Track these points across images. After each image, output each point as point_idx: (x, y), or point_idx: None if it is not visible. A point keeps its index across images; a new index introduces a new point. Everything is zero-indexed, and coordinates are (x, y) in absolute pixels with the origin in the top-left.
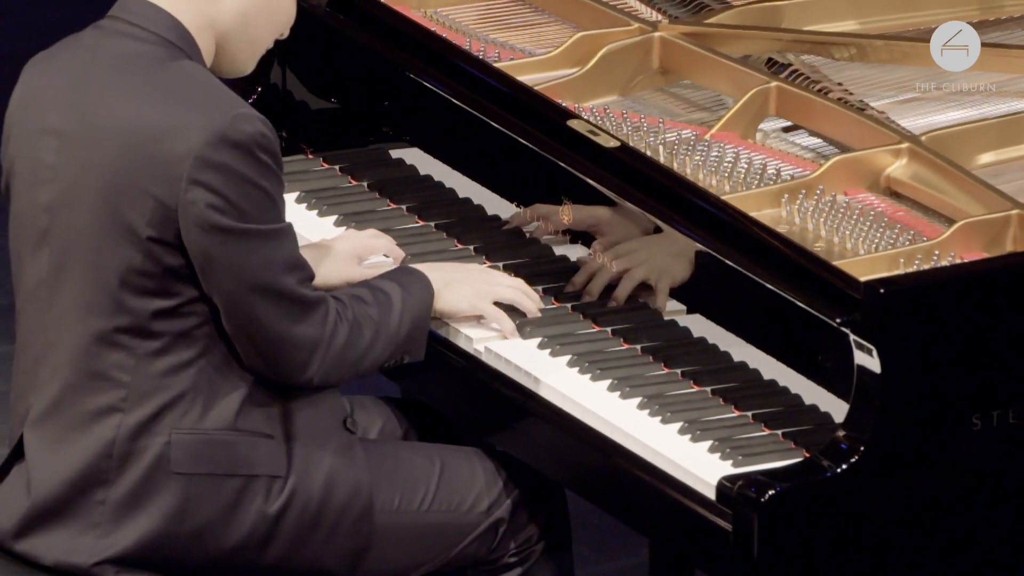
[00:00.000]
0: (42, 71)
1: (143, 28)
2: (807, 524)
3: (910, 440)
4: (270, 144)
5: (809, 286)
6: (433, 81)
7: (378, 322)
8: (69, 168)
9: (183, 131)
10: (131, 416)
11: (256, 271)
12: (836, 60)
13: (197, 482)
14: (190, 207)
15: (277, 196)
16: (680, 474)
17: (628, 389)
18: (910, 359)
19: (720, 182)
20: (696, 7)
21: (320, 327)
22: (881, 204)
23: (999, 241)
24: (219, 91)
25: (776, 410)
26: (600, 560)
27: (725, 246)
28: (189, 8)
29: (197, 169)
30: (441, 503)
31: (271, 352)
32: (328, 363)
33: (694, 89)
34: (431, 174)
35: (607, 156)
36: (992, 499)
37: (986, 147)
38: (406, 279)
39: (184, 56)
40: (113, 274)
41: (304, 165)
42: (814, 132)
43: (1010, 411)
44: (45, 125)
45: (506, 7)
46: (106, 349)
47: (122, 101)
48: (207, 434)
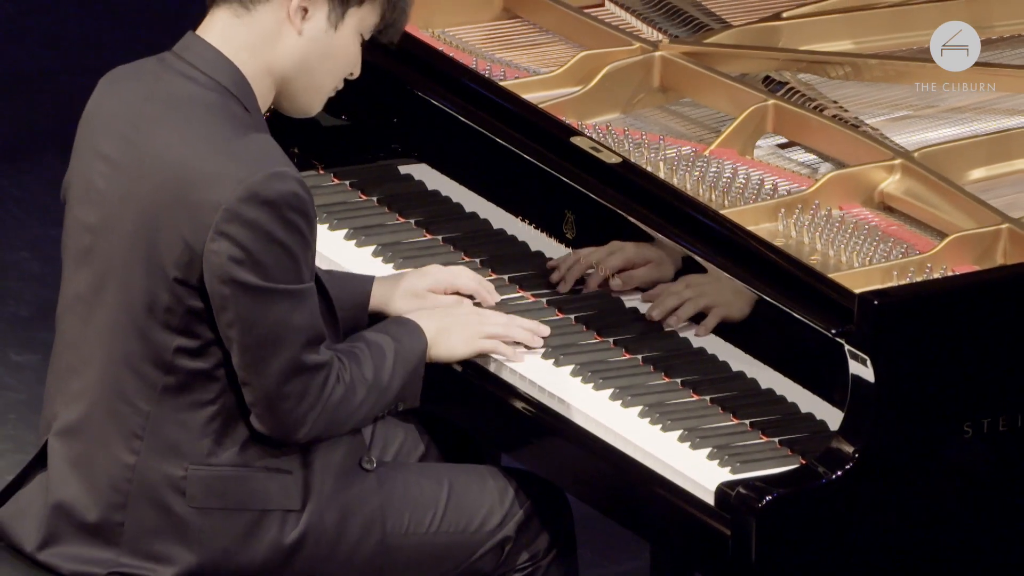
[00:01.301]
0: (109, 92)
1: (202, 72)
2: (803, 529)
3: (903, 447)
4: (302, 205)
5: (805, 298)
6: (440, 99)
7: (371, 381)
8: (114, 195)
9: (218, 181)
10: (150, 445)
11: (266, 328)
12: (831, 79)
13: (211, 515)
14: (213, 256)
15: (301, 257)
16: (680, 480)
17: (630, 398)
18: (903, 369)
19: (719, 197)
20: (696, 27)
21: (319, 391)
22: (875, 218)
23: (990, 254)
24: (261, 145)
25: (773, 418)
26: (603, 564)
27: (724, 259)
28: (248, 55)
29: (225, 221)
30: (449, 524)
31: (265, 406)
32: (320, 423)
33: (694, 107)
34: (439, 189)
35: (609, 172)
36: (983, 505)
37: (977, 163)
38: (399, 331)
39: (237, 104)
40: (142, 307)
41: (315, 180)
42: (810, 148)
43: (1000, 419)
44: (99, 148)
45: (511, 27)
46: (132, 376)
47: (168, 141)
48: (222, 469)
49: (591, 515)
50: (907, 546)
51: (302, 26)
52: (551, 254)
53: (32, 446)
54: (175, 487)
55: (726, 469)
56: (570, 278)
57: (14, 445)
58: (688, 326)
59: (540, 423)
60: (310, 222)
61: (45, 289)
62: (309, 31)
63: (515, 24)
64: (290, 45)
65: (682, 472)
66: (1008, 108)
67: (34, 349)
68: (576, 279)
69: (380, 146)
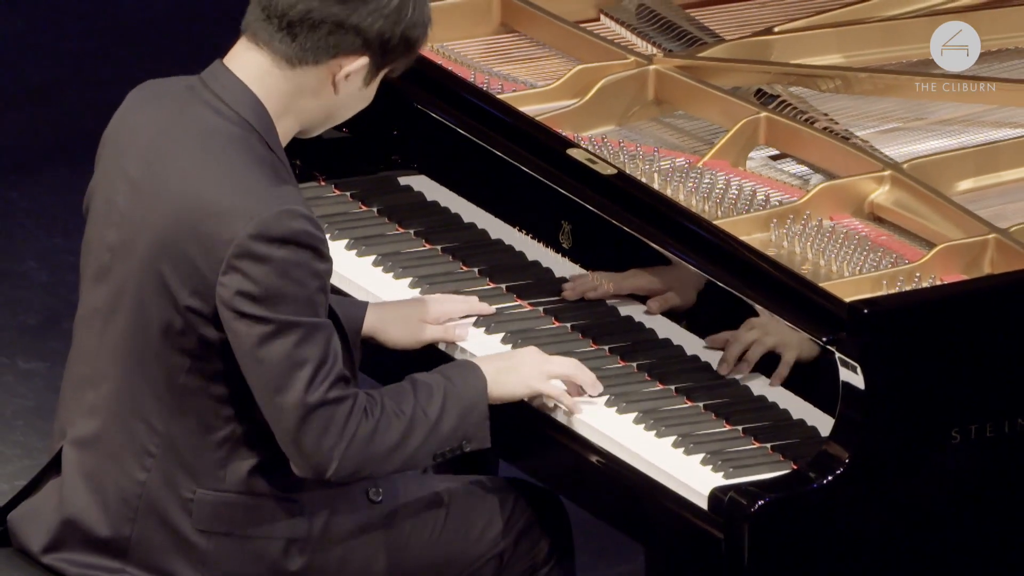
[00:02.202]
0: (138, 108)
1: (227, 105)
2: (795, 533)
3: (893, 453)
4: (313, 242)
5: (797, 306)
6: (440, 112)
7: (411, 416)
8: (134, 217)
9: (232, 216)
10: (161, 464)
11: (277, 361)
12: (822, 92)
13: (217, 539)
14: (223, 290)
15: (313, 292)
16: (674, 485)
17: (624, 404)
18: (893, 376)
19: (712, 208)
20: (689, 41)
21: (341, 426)
22: (865, 228)
23: (977, 264)
24: (276, 183)
25: (765, 424)
26: (599, 567)
27: (717, 269)
28: (278, 100)
29: (236, 256)
30: (450, 536)
31: (290, 444)
32: (351, 459)
33: (688, 119)
34: (438, 200)
35: (605, 183)
36: (971, 509)
37: (964, 175)
38: (453, 371)
39: (259, 140)
40: (156, 330)
41: (317, 192)
42: (801, 160)
43: (988, 425)
44: (123, 168)
45: (509, 41)
46: (146, 395)
47: (187, 171)
48: (228, 496)
49: (586, 519)
50: (897, 549)
51: (344, 89)
52: (548, 264)
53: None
54: (183, 508)
55: (719, 474)
56: (579, 290)
57: (23, 451)
58: (680, 332)
59: (537, 429)
60: (322, 259)
61: (53, 298)
62: (346, 90)
63: (513, 38)
64: (324, 101)
65: (676, 477)
66: (995, 121)
67: (42, 357)
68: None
69: (380, 158)
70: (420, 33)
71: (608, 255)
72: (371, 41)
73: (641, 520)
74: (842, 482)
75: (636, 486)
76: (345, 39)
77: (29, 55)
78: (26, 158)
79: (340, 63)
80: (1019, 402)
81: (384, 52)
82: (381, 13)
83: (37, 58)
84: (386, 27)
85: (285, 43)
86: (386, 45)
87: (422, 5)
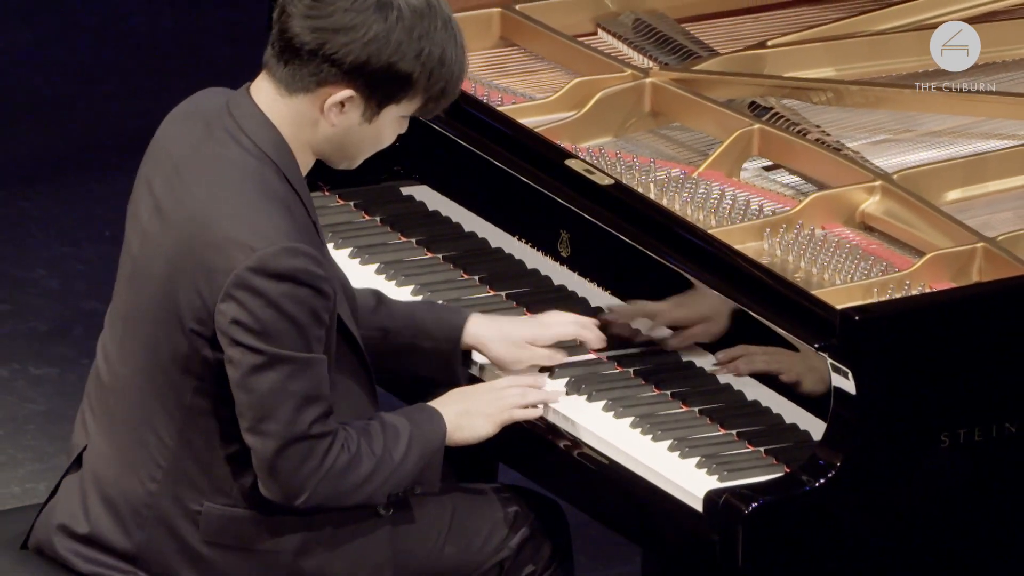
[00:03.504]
0: (175, 123)
1: (247, 136)
2: (788, 534)
3: (883, 456)
4: (311, 280)
5: (790, 314)
6: (440, 123)
7: (379, 457)
8: (153, 234)
9: (234, 248)
10: (170, 476)
11: (264, 392)
12: (814, 104)
13: (223, 551)
14: (221, 316)
15: (308, 327)
16: (670, 488)
17: (622, 409)
18: (883, 381)
19: (707, 217)
20: (685, 55)
21: (320, 458)
22: (856, 237)
23: (966, 272)
24: (284, 217)
25: (759, 428)
26: (596, 568)
27: (712, 276)
28: (290, 129)
29: (234, 287)
30: (454, 546)
31: (266, 470)
32: (322, 490)
33: (683, 131)
34: (439, 209)
35: (602, 193)
36: (960, 511)
37: (953, 185)
38: (418, 416)
39: (275, 172)
40: (165, 349)
41: (321, 201)
42: (794, 171)
43: (976, 429)
44: (151, 185)
45: (509, 55)
46: (157, 410)
47: (200, 198)
48: (235, 511)
49: (584, 522)
50: (887, 550)
51: (337, 120)
52: (547, 272)
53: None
54: (191, 520)
55: (714, 477)
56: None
57: (34, 454)
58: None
59: (536, 435)
60: (322, 296)
61: (62, 306)
62: (343, 123)
63: (512, 52)
64: (327, 131)
65: (672, 480)
66: (983, 132)
67: (52, 363)
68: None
69: (383, 168)
70: (415, 68)
71: (606, 264)
72: (351, 72)
73: (638, 522)
74: (834, 485)
75: (633, 489)
76: (322, 68)
77: (41, 69)
78: (37, 169)
79: (328, 92)
80: (1007, 407)
81: (370, 84)
82: (359, 43)
83: (48, 72)
84: (362, 57)
85: (279, 70)
86: (369, 77)
87: (426, 40)
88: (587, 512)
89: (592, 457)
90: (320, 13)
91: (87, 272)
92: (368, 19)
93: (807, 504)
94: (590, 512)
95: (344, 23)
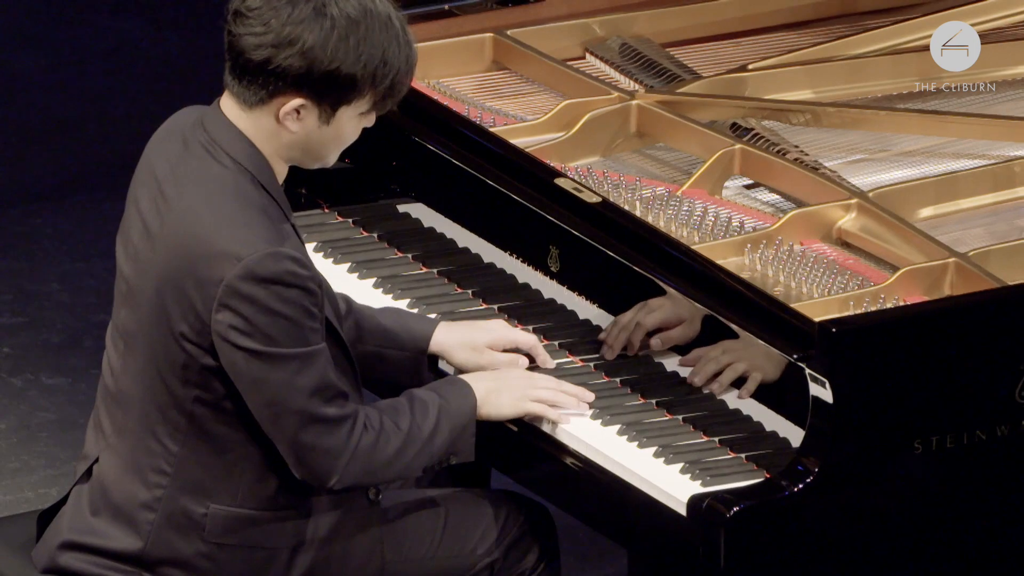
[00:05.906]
0: (157, 145)
1: (223, 150)
2: (768, 537)
3: (859, 462)
4: (297, 280)
5: (769, 326)
6: (435, 144)
7: (407, 431)
8: (144, 255)
9: (222, 259)
10: (175, 482)
11: (276, 389)
12: (793, 125)
13: (226, 549)
14: (218, 324)
15: (304, 323)
16: (655, 492)
17: (609, 417)
18: (859, 391)
19: (690, 233)
20: (669, 78)
21: (344, 441)
22: (833, 253)
23: (938, 286)
24: (264, 224)
25: (740, 436)
26: (583, 569)
27: (695, 290)
28: (259, 141)
29: (226, 295)
30: (446, 549)
31: (295, 459)
32: (353, 470)
33: (667, 151)
34: (434, 226)
35: (590, 210)
36: (933, 515)
37: (926, 202)
38: (447, 389)
39: (252, 182)
40: (164, 361)
41: (321, 218)
42: (774, 189)
43: (948, 436)
44: (139, 205)
45: (500, 78)
46: (160, 418)
47: (184, 215)
48: (240, 512)
49: (572, 524)
50: (863, 553)
51: (295, 127)
52: (537, 286)
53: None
54: (196, 522)
55: (697, 482)
56: (617, 346)
57: (47, 461)
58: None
59: (527, 441)
60: (309, 294)
61: (74, 318)
62: (303, 129)
63: (504, 75)
64: (289, 138)
65: (657, 485)
66: (954, 152)
67: (64, 373)
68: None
69: (380, 187)
70: (357, 71)
71: (593, 278)
72: (297, 81)
73: (624, 525)
74: (812, 490)
75: (620, 493)
76: (271, 81)
77: (53, 92)
78: (50, 187)
79: (282, 102)
80: (976, 415)
81: (318, 91)
82: (298, 54)
83: (61, 95)
84: (304, 66)
85: (236, 86)
86: (316, 84)
87: (364, 43)
88: (575, 515)
89: (580, 463)
90: (263, 31)
91: (97, 286)
92: (304, 31)
93: (786, 508)
94: (578, 515)
95: (283, 37)
